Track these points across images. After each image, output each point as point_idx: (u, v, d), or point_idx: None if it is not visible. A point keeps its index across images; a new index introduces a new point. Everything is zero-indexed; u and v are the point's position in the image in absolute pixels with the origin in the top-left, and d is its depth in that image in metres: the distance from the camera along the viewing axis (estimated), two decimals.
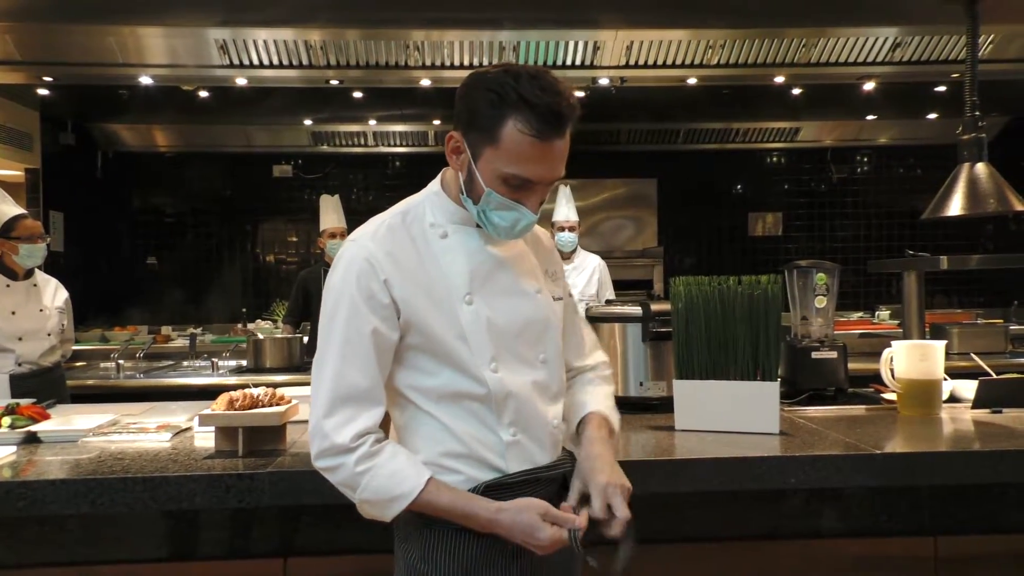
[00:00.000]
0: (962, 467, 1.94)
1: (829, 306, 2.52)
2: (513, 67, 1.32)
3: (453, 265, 1.39)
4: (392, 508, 1.32)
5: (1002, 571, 2.06)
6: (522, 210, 1.35)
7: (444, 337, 1.35)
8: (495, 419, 1.37)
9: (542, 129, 1.28)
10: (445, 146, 1.39)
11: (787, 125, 6.49)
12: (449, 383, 1.36)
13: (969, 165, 2.44)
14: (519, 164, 1.30)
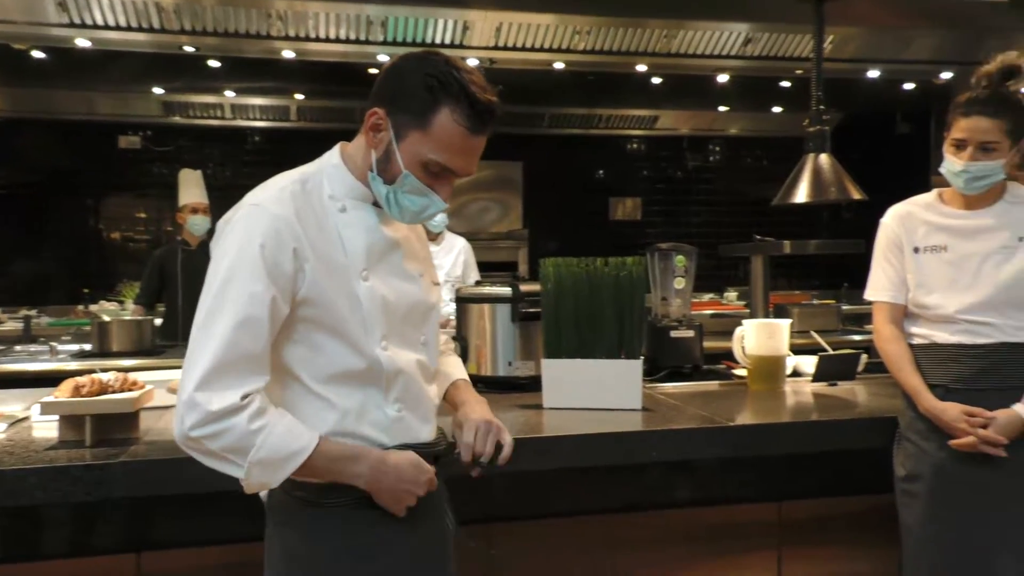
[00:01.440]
0: (804, 436, 2.09)
1: (687, 287, 2.65)
2: (446, 56, 1.32)
3: (352, 240, 1.36)
4: (286, 467, 1.27)
5: (839, 531, 2.24)
6: (434, 197, 1.36)
7: (341, 311, 1.32)
8: (382, 396, 1.36)
9: (476, 123, 1.30)
10: (364, 121, 1.36)
11: (647, 113, 6.72)
12: (339, 360, 1.33)
13: (814, 156, 2.62)
14: (445, 153, 1.31)
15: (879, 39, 4.78)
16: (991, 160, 1.85)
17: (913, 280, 1.98)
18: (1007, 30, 4.07)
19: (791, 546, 2.22)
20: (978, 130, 1.84)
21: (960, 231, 1.94)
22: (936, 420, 1.88)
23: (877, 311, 2.05)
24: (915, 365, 1.95)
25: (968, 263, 1.91)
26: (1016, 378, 1.86)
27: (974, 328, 1.89)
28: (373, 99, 1.34)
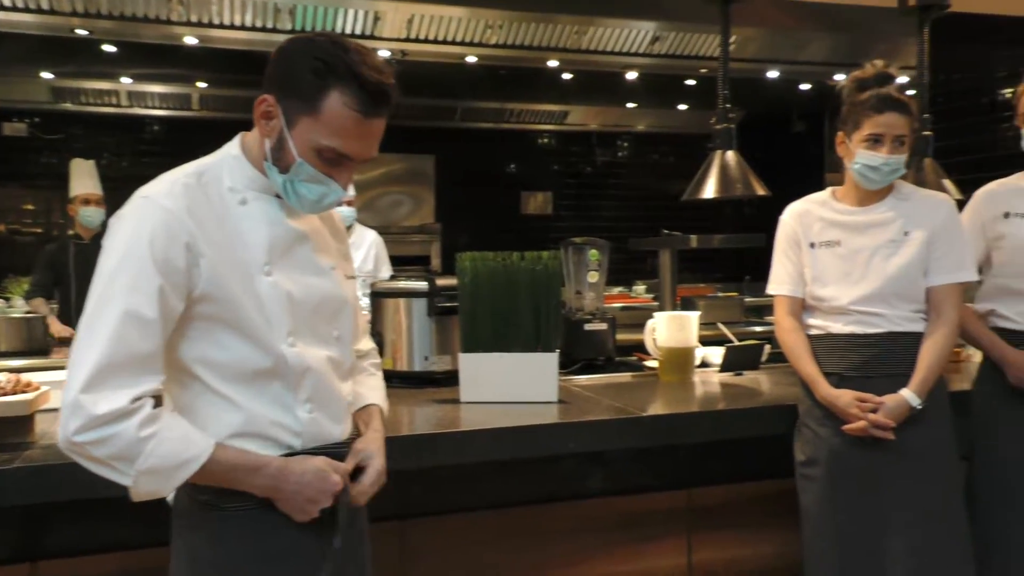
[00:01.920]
0: (713, 425, 2.17)
1: (600, 281, 2.69)
2: (336, 37, 1.27)
3: (252, 234, 1.31)
4: (178, 476, 1.21)
5: (745, 515, 2.33)
6: (332, 185, 1.31)
7: (242, 308, 1.27)
8: (292, 396, 1.31)
9: (368, 106, 1.25)
10: (254, 109, 1.30)
11: (557, 108, 6.78)
12: (243, 358, 1.28)
13: (721, 152, 2.71)
14: (338, 138, 1.27)
15: (778, 41, 4.96)
16: (902, 154, 1.96)
17: (810, 274, 2.06)
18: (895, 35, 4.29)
19: (700, 531, 2.30)
20: (895, 125, 1.94)
21: (852, 226, 2.04)
22: (831, 407, 1.97)
23: (778, 304, 2.13)
24: (812, 355, 2.04)
25: (859, 257, 2.00)
26: (903, 365, 1.96)
27: (865, 319, 1.99)
28: (264, 85, 1.30)
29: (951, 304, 1.99)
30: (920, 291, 1.99)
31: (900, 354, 1.97)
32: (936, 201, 2.05)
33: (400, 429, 1.90)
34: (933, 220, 2.00)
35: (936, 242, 1.98)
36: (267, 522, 1.30)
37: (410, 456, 1.77)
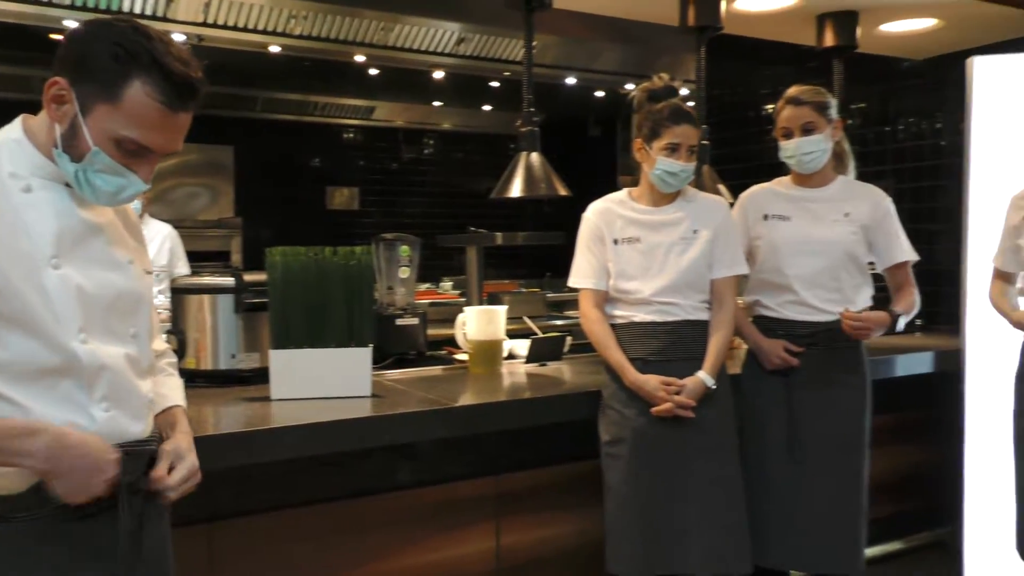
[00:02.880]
0: (521, 412, 2.28)
1: (412, 276, 2.73)
2: (137, 22, 1.20)
3: (38, 224, 1.21)
4: None
5: (551, 497, 2.47)
6: (131, 177, 1.24)
7: (26, 302, 1.17)
8: (86, 395, 1.23)
9: (173, 99, 1.20)
10: (44, 92, 1.21)
11: (363, 103, 6.71)
12: (29, 356, 1.18)
13: (526, 154, 2.84)
14: (139, 129, 1.20)
15: (574, 49, 5.24)
16: (693, 162, 2.19)
17: (614, 268, 2.23)
18: (677, 50, 4.67)
19: (508, 516, 2.40)
20: (689, 136, 2.16)
21: (649, 225, 2.23)
22: (639, 391, 2.15)
23: (583, 297, 2.28)
24: (618, 343, 2.21)
25: (657, 252, 2.20)
26: (697, 349, 2.19)
27: (664, 308, 2.19)
28: (55, 67, 1.22)
29: (730, 295, 2.25)
30: (706, 283, 2.23)
31: (692, 340, 2.20)
32: (716, 203, 2.30)
33: (207, 429, 1.84)
34: (715, 220, 2.24)
35: (717, 240, 2.22)
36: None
37: (219, 456, 1.72)
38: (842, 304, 2.34)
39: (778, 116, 2.38)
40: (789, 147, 2.35)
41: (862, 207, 2.37)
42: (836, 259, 2.34)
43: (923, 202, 4.04)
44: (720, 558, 2.16)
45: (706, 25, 3.02)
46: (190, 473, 1.34)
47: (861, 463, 2.37)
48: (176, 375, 1.53)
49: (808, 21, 3.44)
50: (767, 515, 2.31)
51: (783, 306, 2.39)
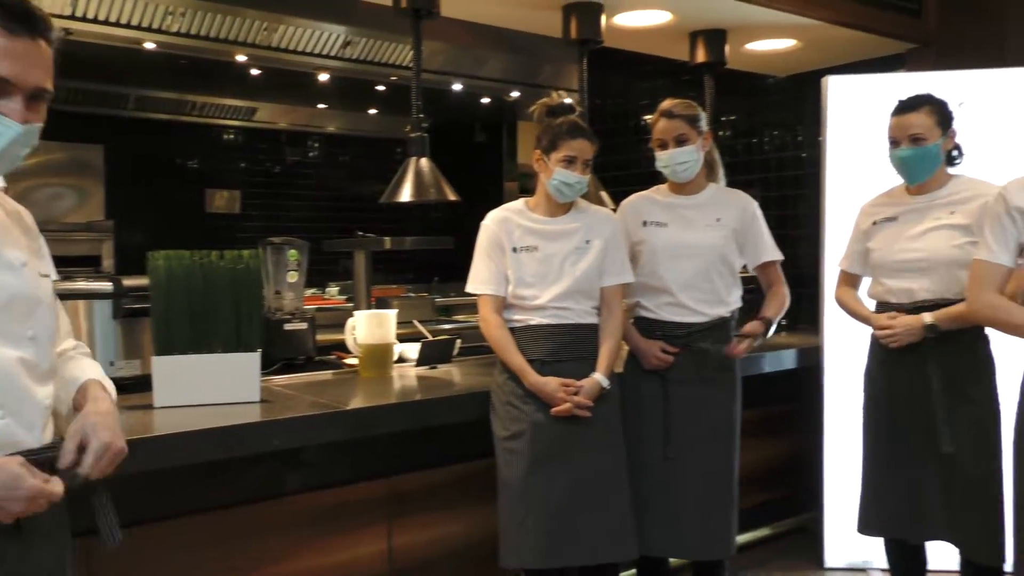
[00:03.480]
0: (412, 414, 2.31)
1: (300, 281, 2.71)
2: None
3: None
4: None
5: (443, 497, 2.50)
6: (4, 121, 1.19)
7: None
8: None
9: (9, 21, 1.17)
10: None
11: (244, 104, 6.53)
12: None
13: (416, 159, 2.87)
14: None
15: (461, 56, 5.30)
16: (587, 175, 2.32)
17: (513, 275, 2.32)
18: (561, 61, 4.81)
19: (400, 517, 2.43)
20: (585, 150, 2.29)
21: (546, 234, 2.34)
22: (540, 393, 2.24)
23: (483, 302, 2.35)
24: (517, 347, 2.29)
25: (553, 260, 2.31)
26: (587, 350, 2.31)
27: (559, 312, 2.30)
28: None
29: (618, 301, 2.39)
30: (597, 290, 2.36)
31: (584, 342, 2.32)
32: (606, 215, 2.44)
33: None
34: (605, 232, 2.37)
35: (607, 250, 2.36)
36: None
37: None
38: (715, 305, 2.49)
39: (653, 128, 2.52)
40: (664, 157, 2.49)
41: (731, 212, 2.53)
42: (709, 262, 2.50)
43: (787, 209, 4.34)
44: (609, 546, 2.26)
45: (587, 38, 3.15)
46: (102, 449, 1.26)
47: (732, 455, 2.52)
48: (86, 357, 1.47)
49: (682, 38, 3.64)
50: (647, 506, 2.43)
51: (661, 308, 2.53)
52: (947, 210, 2.37)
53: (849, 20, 3.46)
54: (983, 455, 2.33)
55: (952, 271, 2.33)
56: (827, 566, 3.33)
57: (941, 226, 2.37)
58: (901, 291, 2.43)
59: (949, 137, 2.39)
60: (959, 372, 2.35)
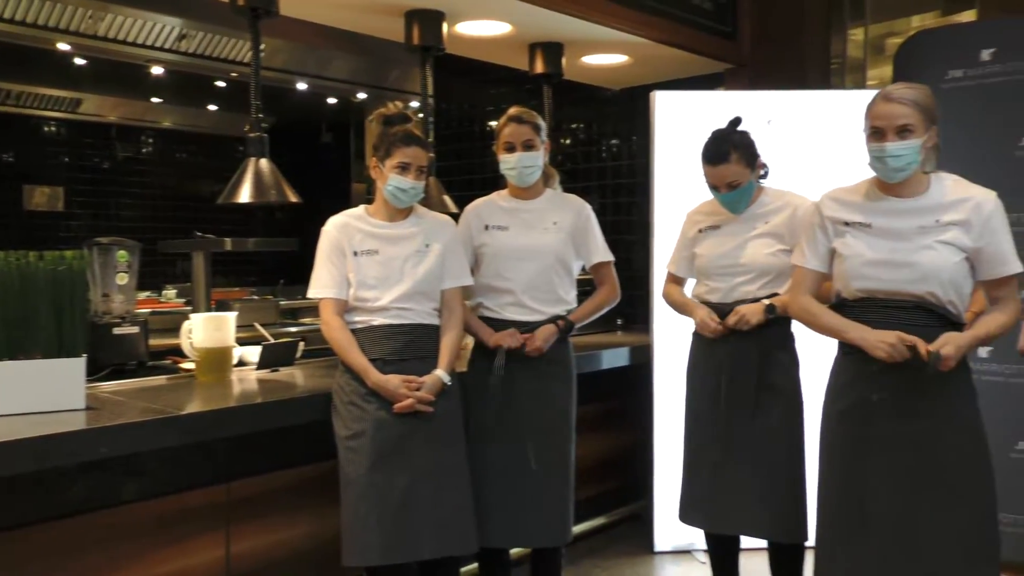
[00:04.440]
0: (252, 418, 2.29)
1: (131, 283, 2.60)
2: None
3: None
4: None
5: (283, 500, 2.48)
6: None
7: None
8: None
9: None
10: None
11: (68, 95, 6.11)
12: None
13: (255, 159, 2.82)
14: None
15: (305, 55, 5.21)
16: (422, 181, 2.38)
17: (354, 278, 2.35)
18: (407, 63, 4.84)
19: (239, 523, 2.39)
20: (418, 157, 2.36)
21: (386, 238, 2.39)
22: (382, 390, 2.27)
23: (324, 306, 2.37)
24: (359, 347, 2.32)
25: (394, 263, 2.37)
26: (430, 350, 2.38)
27: (401, 313, 2.36)
28: None
29: (458, 302, 2.48)
30: (437, 292, 2.44)
31: (425, 341, 2.39)
32: (444, 221, 2.53)
33: None
34: (444, 236, 2.47)
35: (447, 254, 2.45)
36: None
37: None
38: (555, 304, 2.61)
39: (501, 132, 2.62)
40: (511, 160, 2.59)
41: (568, 216, 2.67)
42: (549, 264, 2.62)
43: (622, 215, 4.59)
44: (450, 540, 2.33)
45: (429, 45, 3.21)
46: None
47: (569, 447, 2.66)
48: None
49: (522, 49, 3.77)
50: (488, 498, 2.52)
51: (503, 308, 2.63)
52: (763, 220, 2.61)
53: (673, 40, 3.72)
54: (788, 442, 2.57)
55: (768, 276, 2.57)
56: (656, 550, 3.55)
57: (758, 235, 2.60)
58: (723, 292, 2.64)
59: (757, 168, 2.60)
60: (769, 366, 2.58)
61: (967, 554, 1.99)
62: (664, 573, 3.43)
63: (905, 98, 2.03)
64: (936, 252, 2.01)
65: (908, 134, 2.01)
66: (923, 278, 2.01)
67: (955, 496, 1.99)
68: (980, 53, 3.27)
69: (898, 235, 2.06)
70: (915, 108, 2.02)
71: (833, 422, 2.19)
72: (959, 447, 2.02)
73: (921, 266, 2.01)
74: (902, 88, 2.07)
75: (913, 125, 2.01)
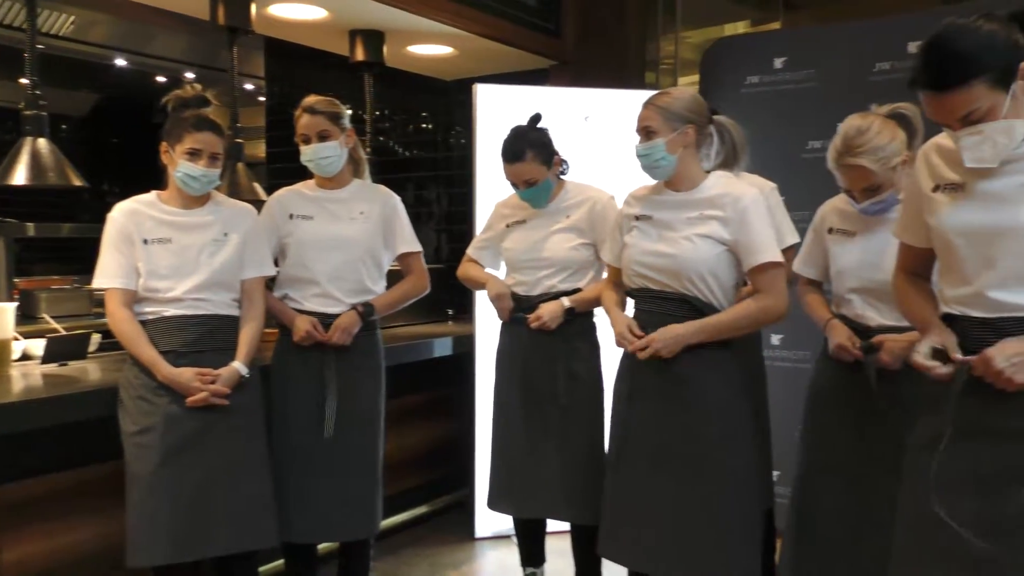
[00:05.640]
0: (22, 414, 2.14)
1: None
2: None
3: None
4: None
5: (62, 503, 2.34)
6: None
7: None
8: None
9: None
10: None
11: None
12: None
13: (32, 139, 2.62)
14: None
15: (127, 30, 4.92)
16: (217, 168, 2.30)
17: (144, 268, 2.25)
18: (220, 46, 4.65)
19: (12, 530, 2.24)
20: (211, 143, 2.27)
21: (180, 226, 2.30)
22: (174, 384, 2.19)
23: (110, 296, 2.25)
24: (148, 340, 2.22)
25: (189, 253, 2.28)
26: (227, 341, 2.31)
27: (196, 304, 2.27)
28: None
29: (259, 292, 2.43)
30: (237, 283, 2.36)
31: (223, 332, 2.31)
32: (245, 210, 2.45)
33: None
34: (244, 225, 2.40)
35: (247, 244, 2.38)
36: None
37: None
38: (361, 295, 2.58)
39: (297, 123, 2.56)
40: (308, 152, 2.55)
41: (375, 207, 2.64)
42: (355, 255, 2.59)
43: (456, 206, 4.61)
44: (245, 535, 2.27)
45: (236, 26, 3.08)
46: None
47: (377, 440, 2.65)
48: None
49: (342, 35, 3.71)
50: (293, 493, 2.47)
51: (308, 299, 2.57)
52: (564, 215, 2.68)
53: (497, 35, 3.76)
54: (589, 429, 2.65)
55: (570, 269, 2.64)
56: (477, 536, 3.61)
57: (560, 229, 2.67)
58: (528, 285, 2.69)
59: (555, 165, 2.66)
60: (572, 355, 2.66)
61: (707, 524, 2.10)
62: (483, 558, 3.49)
63: (649, 103, 2.15)
64: (694, 244, 2.12)
65: (652, 135, 2.13)
66: (682, 269, 2.12)
67: (690, 471, 2.11)
68: (774, 61, 3.51)
69: (667, 226, 2.17)
70: (656, 111, 2.13)
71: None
72: (695, 427, 2.12)
73: (679, 257, 2.12)
74: (655, 94, 2.18)
75: (654, 127, 2.12)
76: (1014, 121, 1.43)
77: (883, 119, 2.08)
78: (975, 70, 1.41)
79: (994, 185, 1.48)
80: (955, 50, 1.42)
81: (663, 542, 2.13)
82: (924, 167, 1.63)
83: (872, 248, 2.11)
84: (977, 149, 1.45)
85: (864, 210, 2.11)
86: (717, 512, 2.10)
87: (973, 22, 1.43)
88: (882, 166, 2.03)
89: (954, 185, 1.54)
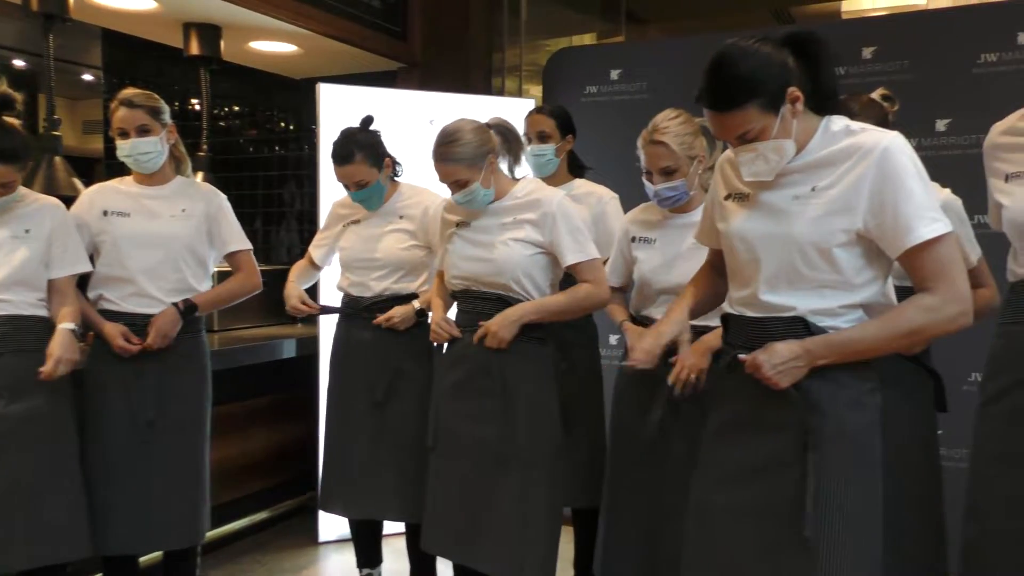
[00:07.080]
0: None
1: None
2: None
3: None
4: None
5: None
6: None
7: None
8: None
9: None
10: None
11: None
12: None
13: None
14: None
15: None
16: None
17: None
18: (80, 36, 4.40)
19: None
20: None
21: None
22: None
23: None
24: None
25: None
26: (33, 343, 2.23)
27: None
28: None
29: (70, 291, 2.35)
30: (42, 282, 2.29)
31: (27, 334, 2.24)
32: (52, 205, 2.36)
33: None
34: (50, 220, 2.31)
35: (54, 241, 2.31)
36: None
37: None
38: (184, 294, 2.50)
39: (113, 116, 2.46)
40: (126, 147, 2.45)
41: (198, 205, 2.56)
42: (176, 252, 2.50)
43: (305, 206, 4.54)
44: (49, 548, 2.17)
45: (52, 13, 2.92)
46: None
47: (201, 444, 2.57)
48: None
49: (176, 27, 3.58)
50: (108, 501, 2.37)
51: (125, 299, 2.47)
52: (397, 216, 2.70)
53: (340, 34, 3.73)
54: (418, 426, 2.63)
55: (403, 270, 2.66)
56: (321, 540, 3.57)
57: (392, 230, 2.68)
58: (361, 285, 2.69)
59: (386, 167, 2.66)
60: (403, 353, 2.67)
61: (521, 519, 2.18)
62: (325, 561, 3.46)
63: (444, 159, 2.21)
64: (509, 248, 2.22)
65: (465, 184, 2.21)
66: (499, 272, 2.22)
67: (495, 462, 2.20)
68: (610, 73, 3.65)
69: (485, 231, 2.27)
70: (456, 163, 2.20)
71: None
72: (506, 418, 2.21)
73: (496, 261, 2.22)
74: (443, 148, 2.22)
75: (463, 177, 2.21)
76: (783, 140, 1.54)
77: (689, 116, 2.24)
78: (749, 94, 1.50)
79: (772, 196, 1.60)
80: (734, 74, 1.50)
81: (474, 532, 2.20)
82: (720, 176, 1.75)
83: (669, 252, 2.28)
84: (752, 164, 1.56)
85: (658, 193, 2.24)
86: (519, 502, 2.17)
87: (752, 44, 1.52)
88: (682, 150, 2.18)
89: (742, 195, 1.66)
